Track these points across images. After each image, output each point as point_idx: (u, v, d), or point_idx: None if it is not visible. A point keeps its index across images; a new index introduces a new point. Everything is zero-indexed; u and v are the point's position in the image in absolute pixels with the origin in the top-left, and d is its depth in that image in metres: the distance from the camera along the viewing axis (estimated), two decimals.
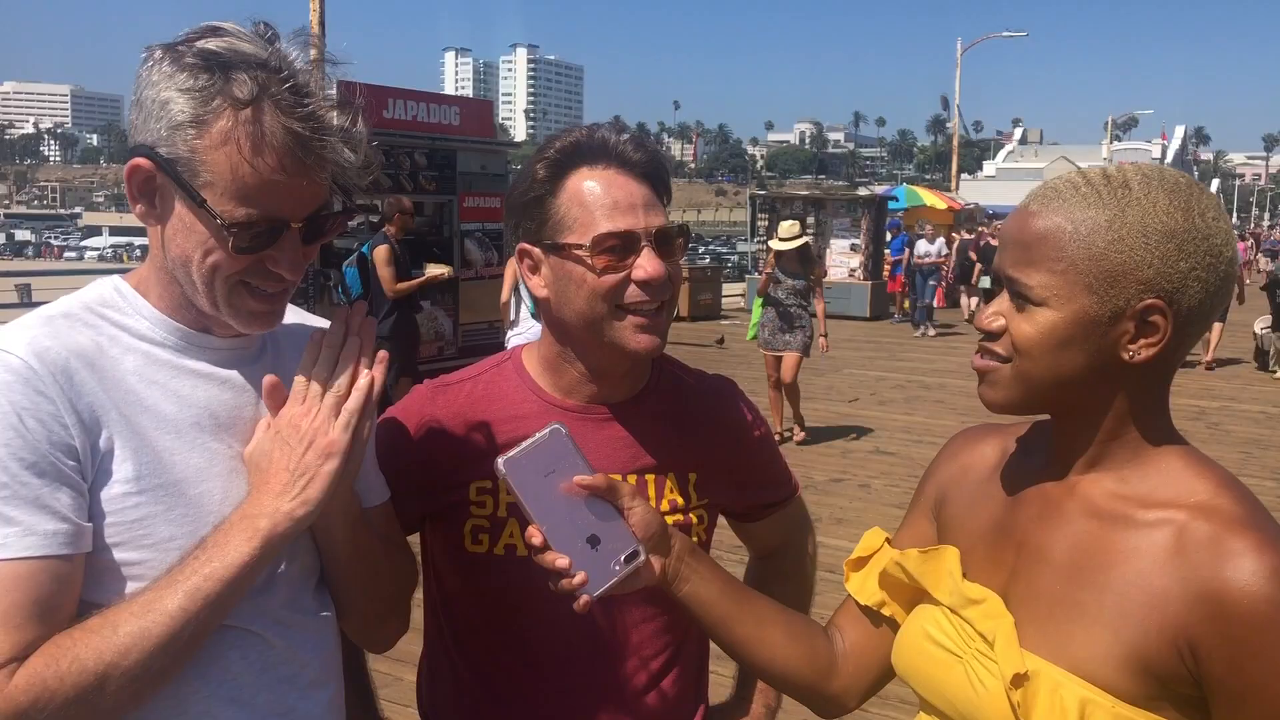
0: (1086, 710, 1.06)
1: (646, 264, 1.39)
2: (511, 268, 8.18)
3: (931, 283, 18.08)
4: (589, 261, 1.39)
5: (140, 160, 1.18)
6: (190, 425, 1.23)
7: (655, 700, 1.55)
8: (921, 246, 18.33)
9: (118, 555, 1.16)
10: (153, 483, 1.18)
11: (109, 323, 1.23)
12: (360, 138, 1.20)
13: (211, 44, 1.15)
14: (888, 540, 1.40)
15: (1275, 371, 13.21)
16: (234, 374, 1.29)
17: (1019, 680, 1.09)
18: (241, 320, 1.24)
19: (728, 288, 21.98)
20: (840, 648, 1.38)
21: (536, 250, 1.46)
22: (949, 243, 19.49)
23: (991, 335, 1.17)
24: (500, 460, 1.20)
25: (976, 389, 1.21)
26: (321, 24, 14.80)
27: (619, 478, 1.26)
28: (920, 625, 1.26)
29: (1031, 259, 1.12)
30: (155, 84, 1.16)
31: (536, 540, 1.21)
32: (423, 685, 1.67)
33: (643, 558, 1.24)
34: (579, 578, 1.20)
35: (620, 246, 1.39)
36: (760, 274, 9.09)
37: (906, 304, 19.40)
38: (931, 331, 17.44)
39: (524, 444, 1.22)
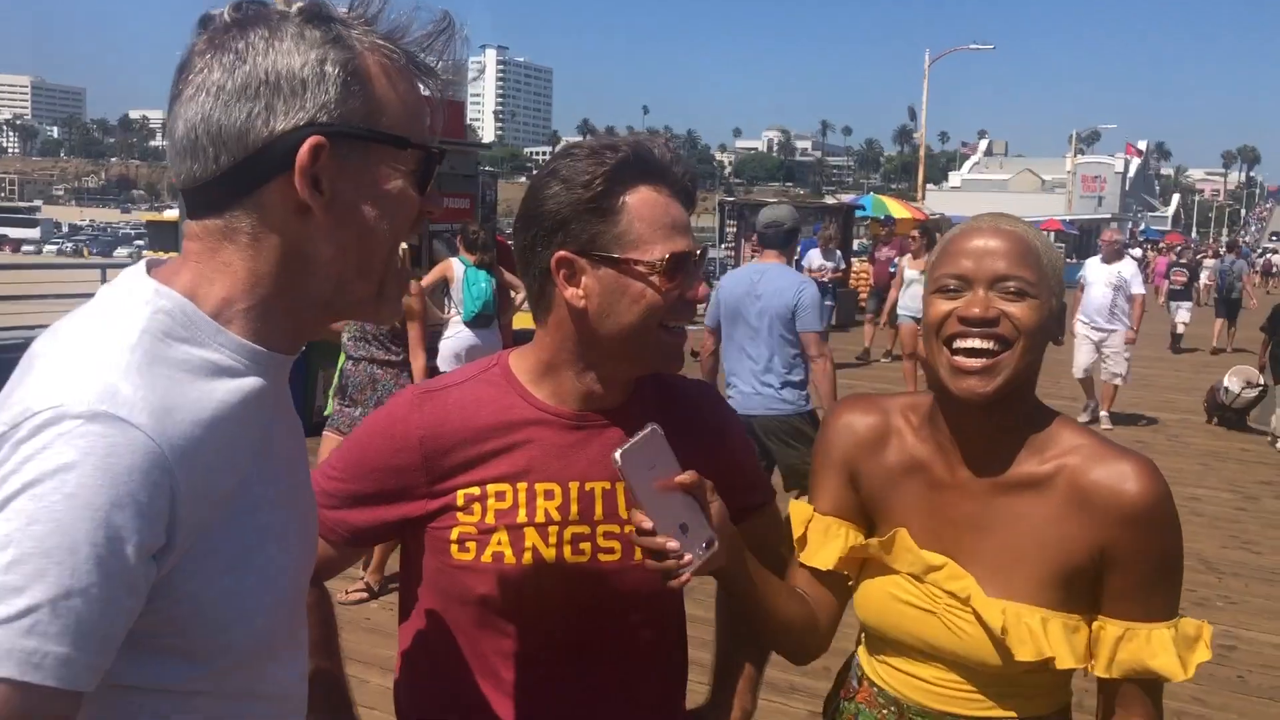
0: (1047, 627, 1.45)
1: (699, 285, 1.49)
2: (440, 269, 8.17)
3: (828, 302, 14.11)
4: (652, 279, 1.43)
5: (320, 138, 0.99)
6: (262, 480, 1.05)
7: (638, 704, 1.56)
8: (814, 258, 14.81)
9: (185, 641, 0.98)
10: (229, 560, 1.00)
11: (194, 360, 1.00)
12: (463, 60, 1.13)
13: (297, 4, 1.03)
14: (816, 512, 1.66)
15: (1275, 442, 10.20)
16: (286, 404, 1.14)
17: (1006, 629, 1.45)
18: (390, 309, 1.12)
19: None
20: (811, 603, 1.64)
21: (582, 260, 1.44)
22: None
23: (990, 322, 1.44)
24: (617, 453, 1.31)
25: (961, 385, 1.45)
26: None
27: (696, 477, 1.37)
28: (883, 589, 1.57)
29: (1027, 262, 1.46)
30: (293, 52, 1.00)
31: (646, 525, 1.32)
32: (401, 692, 1.65)
33: (717, 545, 1.37)
34: (687, 558, 1.33)
35: (678, 268, 1.45)
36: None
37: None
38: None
39: (632, 440, 1.33)
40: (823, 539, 1.63)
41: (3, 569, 0.82)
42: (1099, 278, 10.42)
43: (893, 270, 13.58)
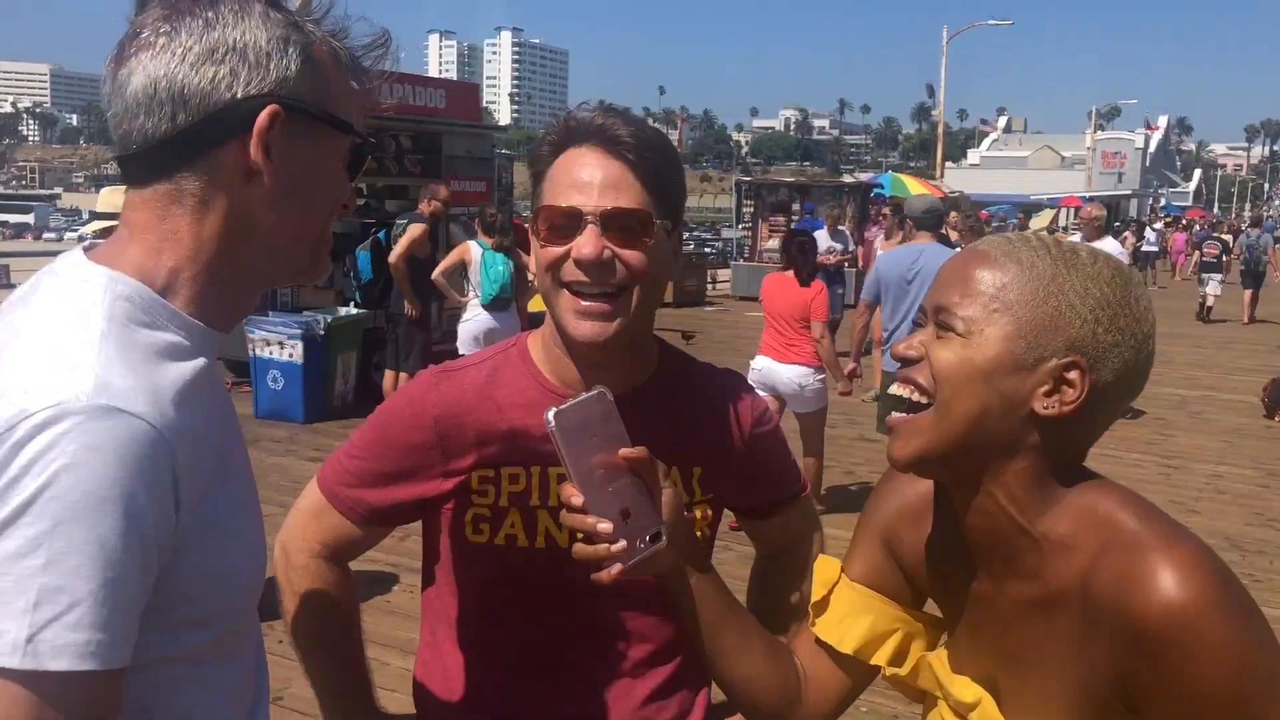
0: None
1: (583, 243, 1.37)
2: (458, 253, 8.20)
3: (840, 290, 12.75)
4: (540, 233, 1.41)
5: (277, 107, 1.04)
6: (230, 456, 1.11)
7: (655, 688, 1.54)
8: (822, 240, 12.60)
9: (197, 609, 1.04)
10: (221, 531, 1.05)
11: (159, 344, 1.03)
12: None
13: None
14: (843, 571, 1.38)
15: None
16: (220, 382, 1.17)
17: None
18: (322, 270, 1.20)
19: (712, 274, 22.01)
20: (801, 674, 1.37)
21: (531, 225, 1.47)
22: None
23: (909, 361, 1.17)
24: (550, 411, 1.17)
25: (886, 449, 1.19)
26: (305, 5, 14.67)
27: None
28: (938, 716, 1.28)
29: (969, 292, 1.14)
30: (260, 27, 1.06)
31: (576, 501, 1.18)
32: (419, 672, 1.65)
33: (664, 541, 1.21)
34: (620, 545, 1.18)
35: (564, 224, 1.39)
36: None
37: None
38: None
39: (572, 400, 1.20)
40: (847, 612, 1.34)
41: (39, 571, 0.87)
42: None
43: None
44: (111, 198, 4.90)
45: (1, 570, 0.87)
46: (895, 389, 1.17)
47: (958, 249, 13.82)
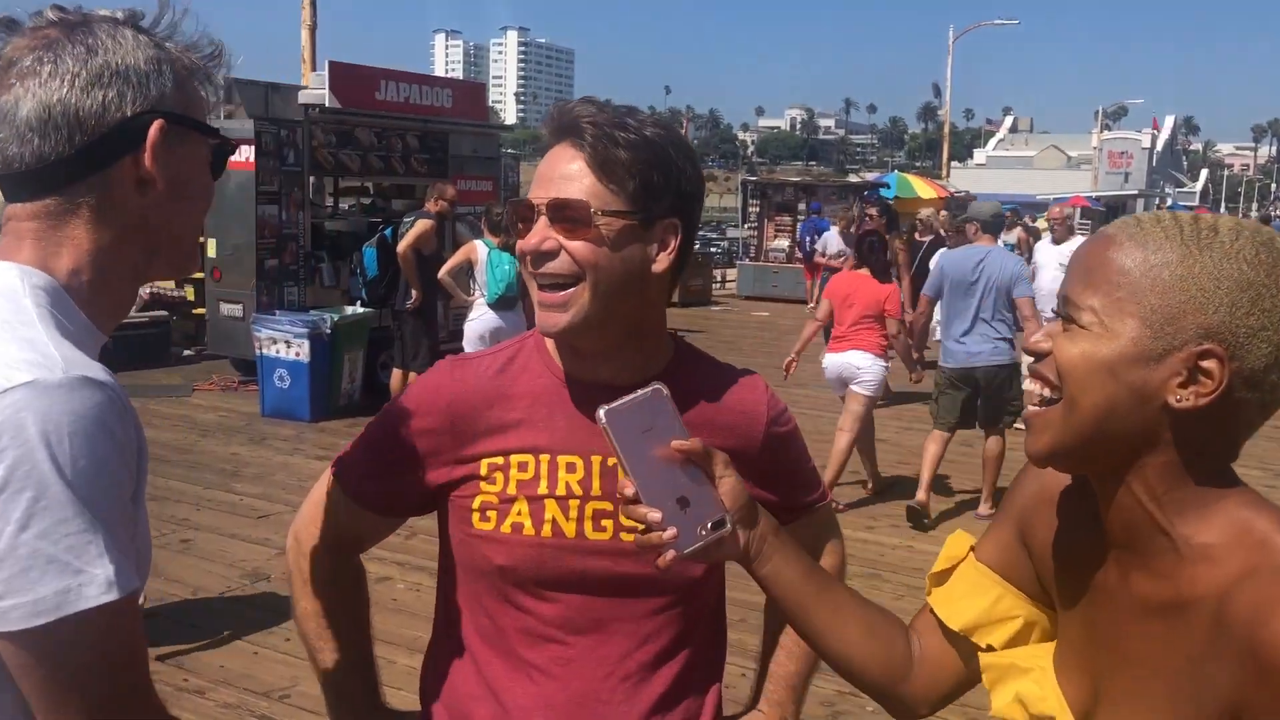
0: None
1: (530, 235, 1.42)
2: (464, 252, 8.22)
3: None
4: (516, 228, 1.46)
5: (162, 121, 1.14)
6: None
7: (662, 685, 1.52)
8: (831, 243, 12.92)
9: None
10: (140, 512, 1.15)
11: (75, 333, 1.11)
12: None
13: (103, 12, 1.19)
14: (972, 549, 1.35)
15: None
16: None
17: None
18: (196, 264, 1.33)
19: (719, 273, 22.03)
20: (917, 652, 1.34)
21: None
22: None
23: (1040, 355, 1.12)
24: (602, 410, 1.20)
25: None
26: (313, 3, 14.70)
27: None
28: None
29: (1093, 281, 1.08)
30: (135, 50, 1.15)
31: (629, 491, 1.20)
32: (427, 665, 1.65)
33: (728, 527, 1.23)
34: (670, 532, 1.19)
35: (526, 217, 1.43)
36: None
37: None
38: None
39: (626, 398, 1.21)
40: (967, 590, 1.31)
41: (91, 525, 0.99)
42: (1049, 260, 9.78)
43: None
44: None
45: (59, 534, 0.98)
46: (1027, 384, 1.15)
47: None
